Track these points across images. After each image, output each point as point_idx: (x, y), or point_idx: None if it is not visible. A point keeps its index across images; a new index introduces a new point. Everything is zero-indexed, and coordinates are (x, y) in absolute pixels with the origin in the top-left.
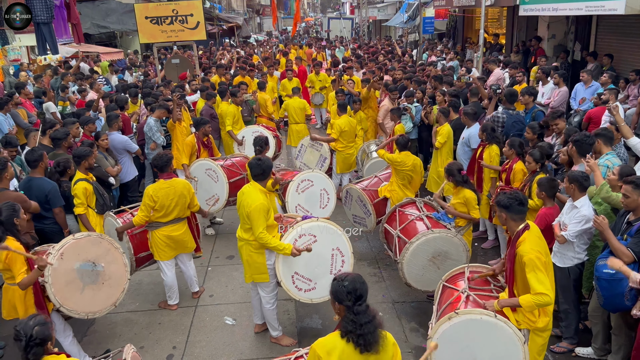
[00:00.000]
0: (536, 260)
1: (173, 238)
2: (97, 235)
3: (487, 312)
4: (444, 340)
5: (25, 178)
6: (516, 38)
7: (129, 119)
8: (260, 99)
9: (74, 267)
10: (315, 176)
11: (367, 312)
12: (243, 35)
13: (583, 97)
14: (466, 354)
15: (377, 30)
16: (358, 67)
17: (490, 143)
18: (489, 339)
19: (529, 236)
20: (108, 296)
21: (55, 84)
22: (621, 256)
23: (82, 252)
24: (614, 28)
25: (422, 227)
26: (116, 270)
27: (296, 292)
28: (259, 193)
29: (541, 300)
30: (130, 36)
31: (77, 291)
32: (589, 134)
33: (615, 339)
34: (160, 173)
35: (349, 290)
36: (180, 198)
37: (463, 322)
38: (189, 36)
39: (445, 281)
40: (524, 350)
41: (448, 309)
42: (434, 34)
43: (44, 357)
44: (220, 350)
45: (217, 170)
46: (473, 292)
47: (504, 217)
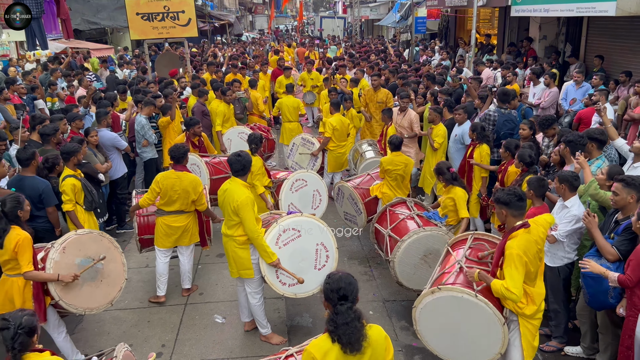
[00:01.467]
0: (517, 257)
1: (172, 228)
2: (98, 233)
3: (469, 291)
4: (427, 311)
5: (16, 176)
6: (508, 39)
7: (118, 116)
8: (252, 97)
9: (75, 262)
10: (310, 176)
11: (345, 313)
12: (235, 33)
13: (574, 97)
14: (449, 327)
15: (370, 30)
16: (351, 66)
17: (481, 142)
18: (469, 317)
19: (524, 236)
20: (105, 294)
21: (45, 80)
22: (606, 254)
23: (83, 248)
24: (604, 30)
25: (413, 225)
26: (114, 269)
27: (280, 286)
28: (243, 187)
29: (506, 295)
30: (121, 32)
31: (77, 286)
32: (582, 134)
33: (602, 337)
34: (175, 164)
35: (332, 289)
36: (183, 192)
37: (445, 298)
38: (180, 33)
39: (450, 245)
40: (503, 331)
41: (440, 277)
42: (426, 34)
43: (28, 354)
44: (210, 348)
45: (201, 165)
46: (467, 263)
47: (504, 213)
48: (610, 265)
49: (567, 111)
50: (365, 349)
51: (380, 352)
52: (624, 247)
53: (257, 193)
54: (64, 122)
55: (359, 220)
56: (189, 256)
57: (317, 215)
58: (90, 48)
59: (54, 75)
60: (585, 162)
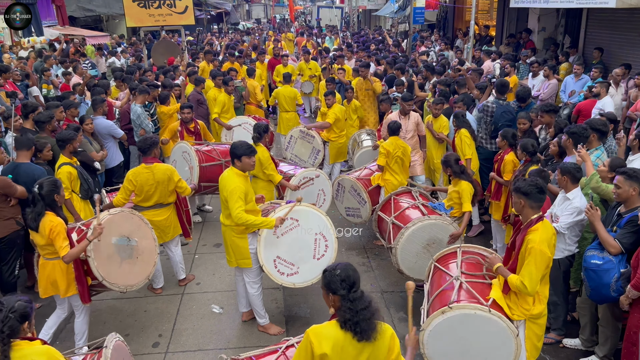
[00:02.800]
0: (539, 253)
1: (154, 223)
2: (129, 211)
3: (481, 307)
4: (436, 332)
5: (11, 163)
6: (506, 30)
7: (112, 104)
8: (249, 86)
9: (112, 242)
10: (317, 176)
11: (362, 298)
12: (232, 22)
13: (573, 89)
14: (460, 345)
15: (367, 20)
16: (349, 56)
17: (459, 128)
18: (482, 332)
19: (543, 228)
20: (142, 270)
21: (39, 67)
22: (608, 247)
23: (117, 228)
24: (604, 22)
25: (417, 214)
26: (147, 245)
27: (278, 276)
28: (235, 177)
29: (521, 289)
30: (116, 20)
31: (117, 265)
32: (585, 125)
33: (602, 330)
34: (144, 156)
35: (342, 278)
36: (159, 184)
37: (457, 317)
38: (177, 20)
39: (436, 261)
40: (516, 343)
41: (440, 296)
42: (424, 25)
43: (18, 341)
44: (207, 338)
45: (191, 153)
46: (465, 278)
47: (522, 203)
48: (613, 258)
49: (565, 103)
50: (376, 337)
51: (383, 350)
52: (627, 240)
53: (275, 183)
54: (60, 109)
55: (363, 212)
56: (176, 247)
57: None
58: (86, 35)
59: (48, 63)
60: (587, 155)
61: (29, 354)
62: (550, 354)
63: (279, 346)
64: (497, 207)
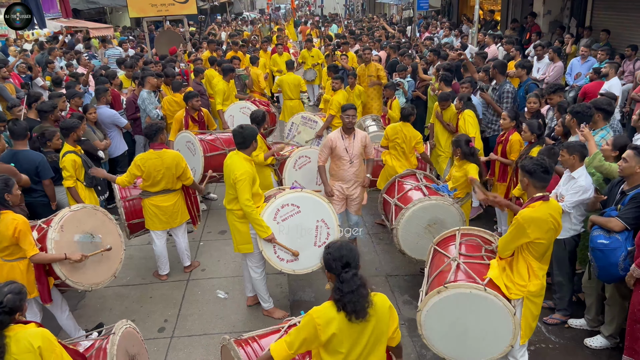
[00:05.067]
0: (518, 228)
1: (161, 208)
2: (91, 207)
3: (477, 286)
4: (433, 312)
5: (9, 151)
6: (511, 14)
7: (119, 94)
8: (253, 75)
9: (74, 239)
10: (313, 152)
11: (351, 280)
12: (235, 12)
13: (579, 72)
14: (457, 325)
15: (371, 7)
16: (353, 43)
17: (463, 110)
18: (479, 312)
19: (540, 207)
20: (108, 267)
21: (42, 59)
22: (611, 227)
23: (79, 224)
24: (610, 3)
25: (419, 195)
26: (113, 241)
27: (278, 262)
28: (244, 161)
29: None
30: (120, 12)
31: (81, 264)
32: (589, 104)
33: (608, 309)
34: (151, 142)
35: (335, 257)
36: (167, 170)
37: (452, 296)
38: (179, 10)
39: (436, 244)
40: (513, 322)
41: (438, 277)
42: (428, 11)
43: (12, 326)
44: (212, 323)
45: (195, 142)
46: (463, 259)
47: (526, 182)
48: (619, 236)
49: (571, 86)
50: (371, 317)
51: (385, 320)
52: (631, 216)
53: (260, 162)
54: (63, 99)
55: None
56: (182, 235)
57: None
58: (89, 27)
59: (52, 55)
60: (589, 133)
61: (23, 337)
62: (555, 334)
63: (282, 325)
64: (503, 189)
